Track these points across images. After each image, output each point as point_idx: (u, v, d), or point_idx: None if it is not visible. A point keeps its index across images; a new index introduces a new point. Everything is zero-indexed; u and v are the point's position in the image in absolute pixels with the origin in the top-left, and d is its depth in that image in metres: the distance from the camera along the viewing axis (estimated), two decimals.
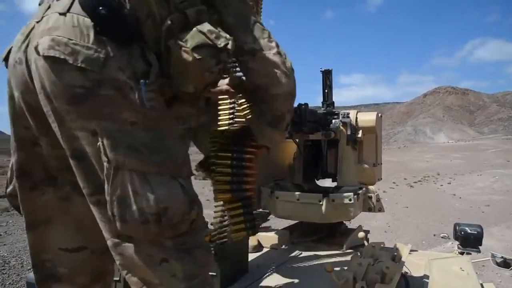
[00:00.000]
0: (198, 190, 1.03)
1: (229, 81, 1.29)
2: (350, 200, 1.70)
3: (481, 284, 1.53)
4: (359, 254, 1.63)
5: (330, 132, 1.85)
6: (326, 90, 2.05)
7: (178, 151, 0.97)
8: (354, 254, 1.65)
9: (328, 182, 2.00)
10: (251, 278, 1.52)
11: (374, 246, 1.62)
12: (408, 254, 1.69)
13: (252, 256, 1.74)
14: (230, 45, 0.97)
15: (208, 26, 0.98)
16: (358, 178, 1.92)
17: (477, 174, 16.34)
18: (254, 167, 1.28)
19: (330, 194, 1.73)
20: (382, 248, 1.63)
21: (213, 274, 1.29)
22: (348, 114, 1.92)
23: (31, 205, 1.05)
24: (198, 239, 0.98)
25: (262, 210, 1.94)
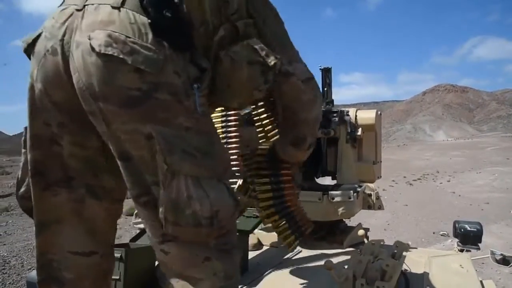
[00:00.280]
0: None
1: None
2: (350, 198, 1.70)
3: (480, 281, 1.53)
4: (359, 251, 1.63)
5: (330, 130, 1.85)
6: (326, 88, 2.05)
7: (224, 155, 0.96)
8: (354, 251, 1.65)
9: (327, 180, 2.00)
10: (251, 277, 1.52)
11: (374, 244, 1.62)
12: (407, 251, 1.70)
13: (252, 254, 1.74)
14: (278, 65, 0.97)
15: (259, 43, 0.97)
16: (357, 176, 1.92)
17: (476, 172, 16.37)
18: (292, 186, 1.37)
19: (329, 192, 1.73)
20: (382, 245, 1.63)
21: None
22: (347, 112, 1.92)
23: (42, 205, 1.01)
24: (235, 239, 1.00)
25: None
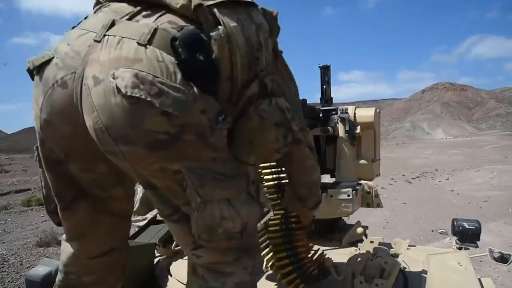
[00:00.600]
0: None
1: None
2: (349, 195, 1.70)
3: (478, 279, 1.53)
4: (358, 249, 1.63)
5: (328, 128, 1.84)
6: (324, 86, 2.04)
7: (243, 169, 0.96)
8: (352, 249, 1.65)
9: (326, 178, 2.00)
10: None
11: (372, 242, 1.62)
12: (406, 249, 1.70)
13: None
14: (297, 130, 0.98)
15: (286, 103, 0.97)
16: (356, 174, 1.92)
17: (475, 170, 16.41)
18: (306, 248, 1.42)
19: (328, 190, 1.73)
20: (380, 243, 1.63)
21: None
22: (346, 109, 1.92)
23: (67, 223, 1.07)
24: (257, 238, 1.08)
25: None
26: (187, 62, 0.79)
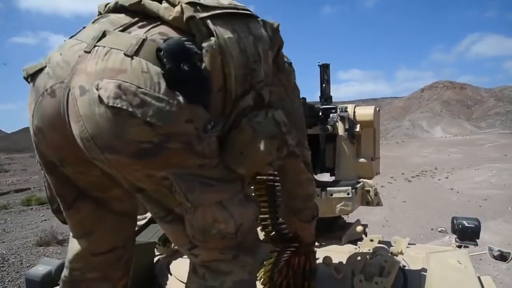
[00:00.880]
0: None
1: None
2: (348, 194, 1.70)
3: (478, 277, 1.53)
4: (358, 248, 1.63)
5: (328, 126, 1.84)
6: (324, 85, 2.04)
7: (239, 175, 0.95)
8: (352, 248, 1.66)
9: (326, 177, 2.00)
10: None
11: (372, 240, 1.62)
12: (406, 247, 1.70)
13: None
14: (293, 144, 0.97)
15: (283, 117, 0.95)
16: (356, 172, 1.93)
17: (474, 169, 16.42)
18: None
19: (328, 188, 1.73)
20: (380, 242, 1.63)
21: None
22: (346, 108, 1.92)
23: (71, 221, 1.07)
24: (257, 237, 1.05)
25: None
26: (172, 72, 0.79)
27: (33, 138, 0.96)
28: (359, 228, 1.70)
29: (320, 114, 1.91)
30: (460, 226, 1.84)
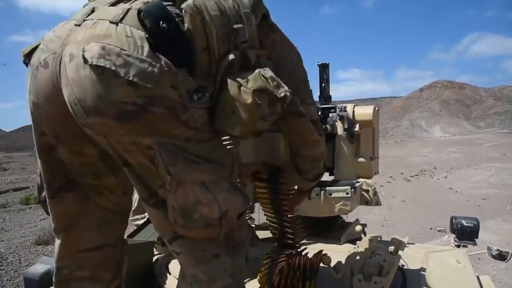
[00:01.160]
0: None
1: None
2: (347, 193, 1.70)
3: (477, 276, 1.54)
4: (357, 247, 1.63)
5: (327, 126, 1.84)
6: (323, 84, 2.04)
7: (228, 158, 0.95)
8: (351, 247, 1.65)
9: (325, 176, 2.00)
10: (248, 272, 1.52)
11: (371, 239, 1.62)
12: (405, 247, 1.70)
13: (249, 250, 1.74)
14: (287, 98, 0.95)
15: (270, 73, 0.95)
16: (355, 172, 1.93)
17: (473, 168, 16.44)
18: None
19: (327, 188, 1.73)
20: (379, 241, 1.63)
21: None
22: (345, 107, 1.92)
23: (53, 212, 1.07)
24: (243, 234, 1.02)
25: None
26: (152, 31, 0.82)
27: (31, 118, 0.98)
28: (358, 227, 1.70)
29: (319, 113, 1.91)
30: (459, 226, 1.85)
